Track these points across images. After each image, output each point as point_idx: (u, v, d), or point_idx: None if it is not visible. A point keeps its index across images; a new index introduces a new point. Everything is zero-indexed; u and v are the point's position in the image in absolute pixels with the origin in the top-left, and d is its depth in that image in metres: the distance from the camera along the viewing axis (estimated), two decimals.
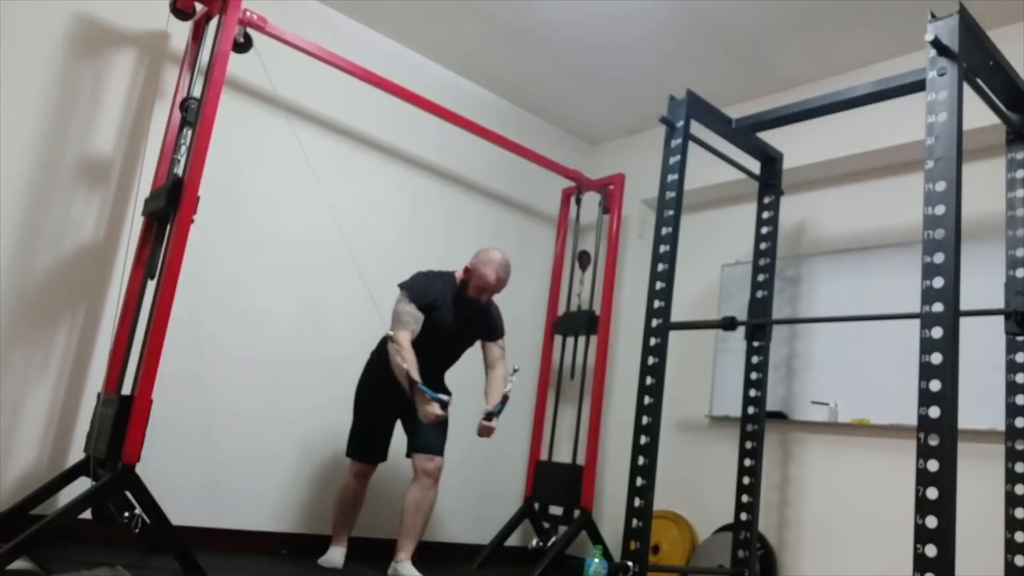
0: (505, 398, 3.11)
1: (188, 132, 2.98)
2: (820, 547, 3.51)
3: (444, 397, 2.93)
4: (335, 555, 3.20)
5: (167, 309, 2.72)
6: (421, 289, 3.09)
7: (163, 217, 2.91)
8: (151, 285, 2.87)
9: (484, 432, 3.07)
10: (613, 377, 4.42)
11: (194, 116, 2.97)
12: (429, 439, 3.05)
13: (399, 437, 3.23)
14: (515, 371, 3.17)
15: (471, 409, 3.36)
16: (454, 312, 3.14)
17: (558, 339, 4.41)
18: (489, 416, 3.06)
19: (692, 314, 4.26)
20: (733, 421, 3.75)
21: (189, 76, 3.13)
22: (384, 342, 3.17)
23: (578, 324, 4.25)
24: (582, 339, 4.28)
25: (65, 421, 2.98)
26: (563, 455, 4.19)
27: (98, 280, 3.10)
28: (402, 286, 3.12)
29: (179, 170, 2.92)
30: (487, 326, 3.25)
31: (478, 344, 3.30)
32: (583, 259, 4.47)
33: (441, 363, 3.24)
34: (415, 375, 2.90)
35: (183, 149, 2.98)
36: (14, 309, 2.90)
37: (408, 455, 3.13)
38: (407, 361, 2.90)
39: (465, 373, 3.36)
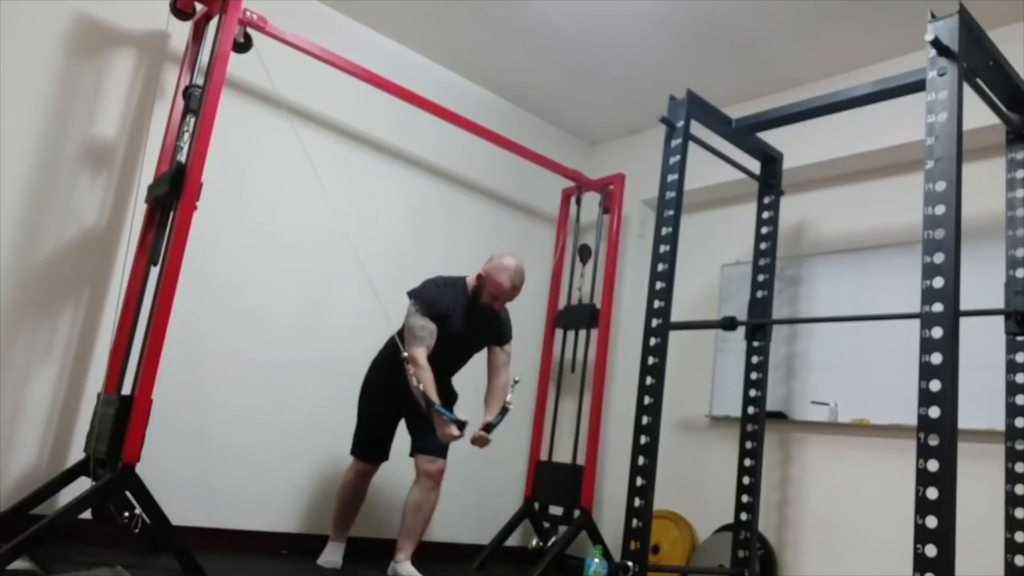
0: (505, 410, 3.08)
1: (191, 120, 2.99)
2: (820, 547, 3.51)
3: (462, 419, 2.91)
4: (334, 554, 3.20)
5: (170, 295, 2.72)
6: (432, 299, 3.05)
7: (166, 204, 2.92)
8: (152, 279, 2.87)
9: (479, 443, 3.05)
10: (613, 377, 4.42)
11: (197, 103, 2.97)
12: (433, 441, 3.05)
13: (401, 437, 3.23)
14: (515, 383, 3.14)
15: (470, 410, 3.36)
16: (465, 320, 3.12)
17: (559, 333, 4.41)
18: (488, 427, 3.05)
19: (692, 314, 4.26)
20: (733, 421, 3.75)
21: (189, 76, 3.13)
22: (390, 343, 3.17)
23: (579, 318, 4.25)
24: (583, 333, 4.28)
25: (65, 421, 2.98)
26: (563, 455, 4.19)
27: (100, 275, 3.10)
28: (412, 295, 3.08)
29: (182, 157, 2.93)
30: (496, 331, 3.24)
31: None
32: (584, 252, 4.47)
33: (450, 368, 3.24)
34: (433, 396, 2.89)
35: (186, 136, 2.99)
36: (15, 306, 2.90)
37: (412, 454, 3.13)
38: (423, 382, 2.89)
39: (464, 373, 3.35)
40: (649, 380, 2.69)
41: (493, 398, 3.16)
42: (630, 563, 2.52)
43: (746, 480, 3.13)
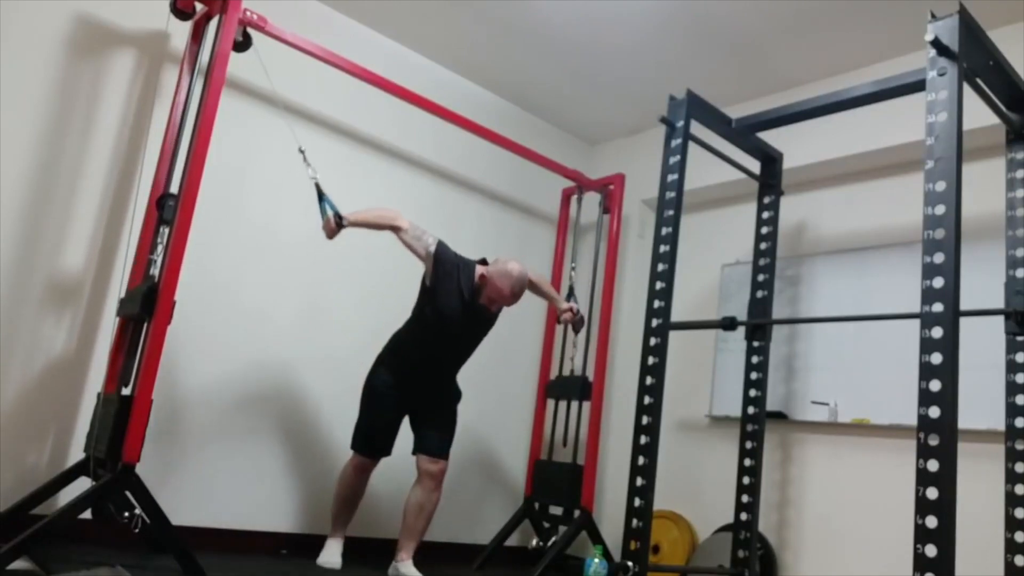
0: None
1: (165, 231, 2.88)
2: (820, 547, 3.51)
3: (342, 215, 2.97)
4: (333, 552, 3.20)
5: (170, 295, 2.71)
6: (445, 253, 3.12)
7: (139, 320, 2.79)
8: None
9: (576, 324, 3.42)
10: (613, 377, 4.42)
11: (171, 213, 2.85)
12: (435, 441, 3.05)
13: (401, 438, 3.23)
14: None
15: (469, 411, 3.37)
16: (461, 300, 3.10)
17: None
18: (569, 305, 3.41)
19: (692, 314, 4.26)
20: (733, 421, 3.75)
21: (189, 76, 3.13)
22: (393, 340, 3.18)
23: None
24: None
25: (65, 421, 2.98)
26: (563, 455, 4.19)
27: (100, 275, 3.09)
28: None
29: (155, 271, 2.85)
30: (490, 324, 3.25)
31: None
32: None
33: (447, 356, 3.21)
34: (344, 212, 2.96)
35: (159, 249, 2.88)
36: (15, 306, 2.90)
37: (414, 453, 3.13)
38: (362, 213, 3.02)
39: (464, 374, 3.35)
40: (649, 380, 2.69)
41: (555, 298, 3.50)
42: (630, 563, 2.52)
43: (746, 480, 3.13)
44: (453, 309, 3.08)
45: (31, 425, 2.91)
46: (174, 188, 2.96)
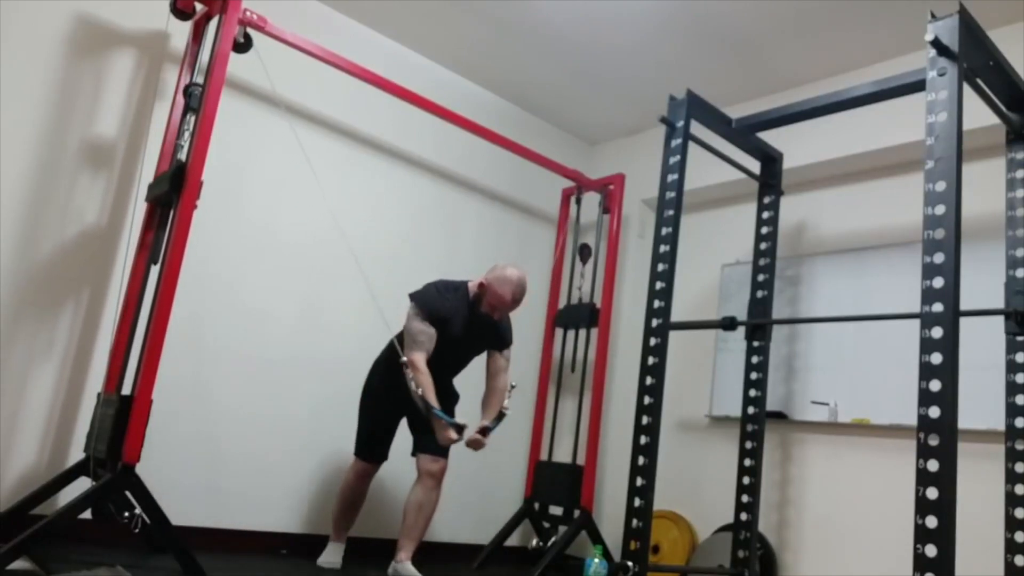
0: (501, 415, 3.09)
1: (191, 118, 3.00)
2: (820, 547, 3.51)
3: (460, 423, 2.94)
4: (334, 554, 3.21)
5: (170, 295, 2.72)
6: (433, 304, 3.06)
7: (166, 203, 2.92)
8: (153, 279, 2.88)
9: (475, 445, 3.05)
10: (613, 377, 4.42)
11: (197, 102, 2.98)
12: (435, 441, 3.05)
13: (401, 438, 3.23)
14: (512, 388, 3.16)
15: (467, 413, 3.37)
16: (465, 325, 3.13)
17: (558, 332, 4.41)
18: (484, 431, 3.05)
19: (692, 314, 4.26)
20: (733, 421, 3.75)
21: (189, 76, 3.14)
22: (391, 345, 3.18)
23: (579, 317, 4.25)
24: (583, 333, 4.28)
25: (65, 421, 2.98)
26: (563, 455, 4.19)
27: (100, 274, 3.10)
28: (413, 298, 3.09)
29: (182, 156, 2.94)
30: (496, 336, 3.24)
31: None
32: (584, 252, 4.46)
33: (449, 371, 3.25)
34: (432, 400, 2.91)
35: (186, 135, 2.99)
36: (15, 306, 2.90)
37: (413, 453, 3.13)
38: (423, 386, 2.91)
39: (464, 375, 3.35)
40: (649, 380, 2.69)
41: (491, 402, 3.17)
42: (630, 563, 2.52)
43: (746, 480, 3.13)
44: (458, 332, 3.12)
45: (31, 425, 2.91)
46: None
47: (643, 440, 2.63)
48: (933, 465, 1.95)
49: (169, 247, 2.77)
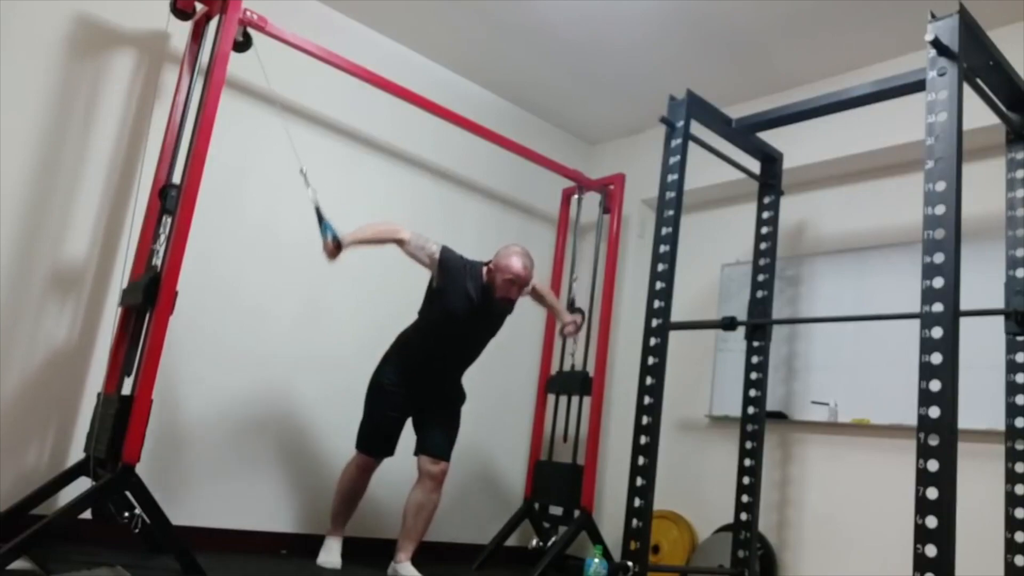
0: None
1: (168, 221, 2.88)
2: (820, 547, 3.51)
3: (341, 237, 2.93)
4: (332, 551, 3.20)
5: (170, 294, 2.71)
6: (453, 256, 3.12)
7: (141, 311, 2.81)
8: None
9: (571, 327, 3.47)
10: (613, 377, 4.42)
11: (174, 204, 2.85)
12: (437, 442, 3.05)
13: (403, 438, 3.23)
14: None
15: (470, 412, 3.37)
16: (470, 300, 3.10)
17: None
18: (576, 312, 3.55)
19: (692, 314, 4.26)
20: (733, 421, 3.75)
21: (189, 76, 3.13)
22: (399, 340, 3.18)
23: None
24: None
25: (65, 421, 2.98)
26: (563, 455, 4.19)
27: (100, 274, 3.10)
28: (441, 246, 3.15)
29: (158, 261, 2.84)
30: (497, 322, 3.24)
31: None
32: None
33: (454, 357, 3.22)
34: (342, 233, 2.93)
35: (162, 239, 2.89)
36: (14, 306, 2.90)
37: (416, 453, 3.13)
38: (363, 229, 3.00)
39: (464, 374, 3.35)
40: (649, 380, 2.69)
41: (557, 310, 3.58)
42: (630, 563, 2.52)
43: (746, 480, 3.13)
44: (461, 309, 3.09)
45: (31, 425, 2.91)
46: (176, 181, 2.97)
47: (643, 440, 2.63)
48: (933, 465, 1.95)
49: (169, 248, 2.76)
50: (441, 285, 3.08)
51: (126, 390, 2.73)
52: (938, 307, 2.05)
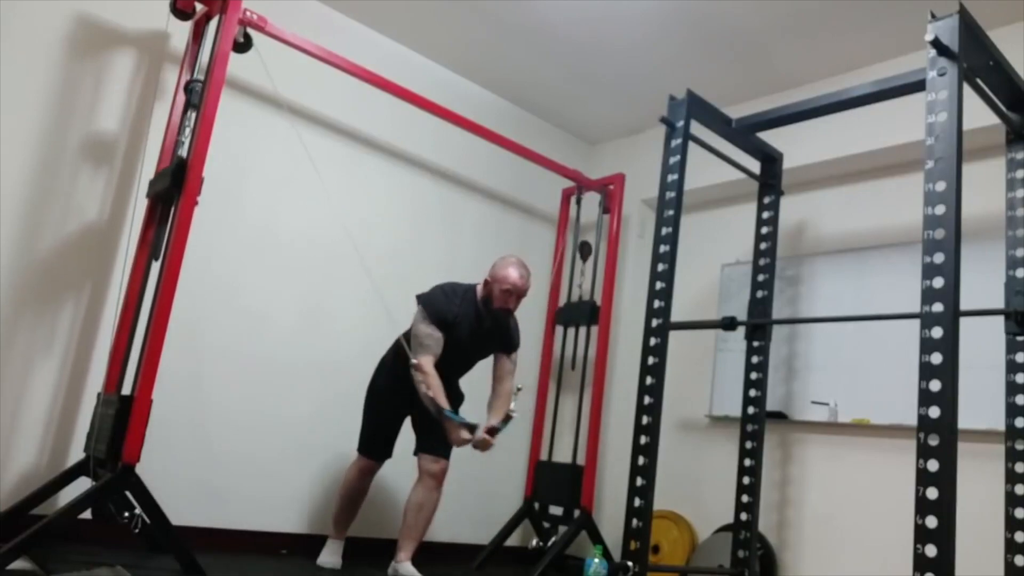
0: (508, 418, 3.09)
1: (192, 115, 3.01)
2: (820, 547, 3.51)
3: (471, 423, 2.96)
4: (333, 553, 3.21)
5: (170, 294, 2.72)
6: (440, 307, 3.06)
7: (167, 199, 2.93)
8: (153, 278, 2.88)
9: (482, 446, 3.05)
10: (613, 377, 4.42)
11: (198, 98, 2.98)
12: (437, 441, 3.05)
13: (404, 438, 3.23)
14: (518, 390, 3.15)
15: (470, 412, 3.36)
16: (473, 328, 3.13)
17: (559, 330, 4.41)
18: (492, 431, 3.05)
19: (692, 314, 4.26)
20: (733, 421, 3.75)
21: (189, 76, 3.14)
22: (397, 344, 3.18)
23: (579, 315, 4.25)
24: (583, 331, 4.27)
25: (65, 421, 2.98)
26: (563, 455, 4.19)
27: (100, 274, 3.10)
28: (420, 300, 3.10)
29: (183, 152, 2.95)
30: (505, 339, 3.23)
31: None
32: (584, 249, 4.46)
33: (457, 371, 3.25)
34: (442, 403, 2.93)
35: (187, 132, 3.00)
36: (15, 305, 2.90)
37: (416, 453, 3.13)
38: (432, 388, 2.93)
39: (469, 376, 3.35)
40: (649, 380, 2.69)
41: (497, 405, 3.17)
42: (630, 563, 2.52)
43: (746, 480, 3.13)
44: (466, 333, 3.12)
45: (31, 425, 2.91)
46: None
47: (643, 440, 2.63)
48: (933, 465, 1.95)
49: (170, 244, 2.77)
50: (448, 330, 3.08)
51: (126, 390, 2.74)
52: (938, 307, 2.05)
